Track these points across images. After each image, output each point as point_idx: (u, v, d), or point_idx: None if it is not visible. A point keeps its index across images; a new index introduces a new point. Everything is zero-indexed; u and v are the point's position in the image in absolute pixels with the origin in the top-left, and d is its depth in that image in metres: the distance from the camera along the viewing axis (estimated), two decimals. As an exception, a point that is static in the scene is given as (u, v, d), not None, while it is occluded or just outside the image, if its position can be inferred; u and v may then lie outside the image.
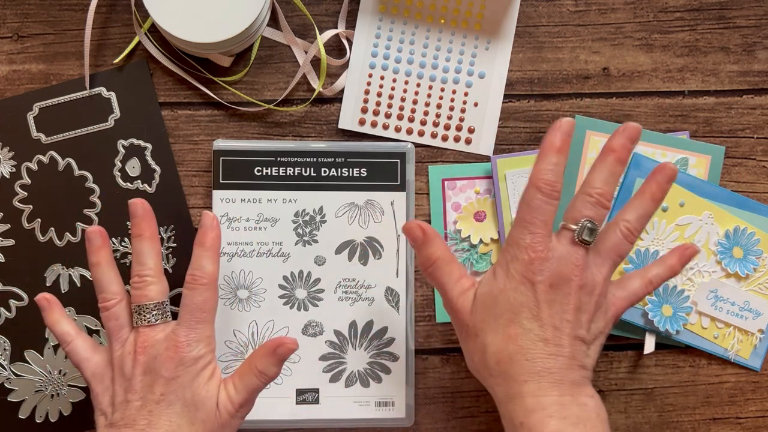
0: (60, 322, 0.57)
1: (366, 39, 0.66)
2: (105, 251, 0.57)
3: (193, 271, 0.55)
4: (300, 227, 0.64)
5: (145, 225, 0.56)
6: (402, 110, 0.66)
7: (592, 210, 0.52)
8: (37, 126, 0.65)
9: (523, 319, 0.51)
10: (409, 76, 0.66)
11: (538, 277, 0.51)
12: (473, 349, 0.53)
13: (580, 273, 0.51)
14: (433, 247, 0.55)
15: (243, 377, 0.55)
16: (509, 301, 0.51)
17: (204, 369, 0.55)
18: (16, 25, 0.65)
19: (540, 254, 0.51)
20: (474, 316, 0.53)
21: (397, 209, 0.64)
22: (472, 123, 0.66)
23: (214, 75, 0.65)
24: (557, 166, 0.52)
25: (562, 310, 0.51)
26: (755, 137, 0.67)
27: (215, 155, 0.64)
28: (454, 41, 0.66)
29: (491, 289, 0.52)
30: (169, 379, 0.53)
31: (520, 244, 0.51)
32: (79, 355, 0.56)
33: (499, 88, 0.66)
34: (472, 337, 0.53)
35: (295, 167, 0.64)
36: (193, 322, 0.55)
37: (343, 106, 0.66)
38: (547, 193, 0.51)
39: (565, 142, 0.52)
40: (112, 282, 0.57)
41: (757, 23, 0.67)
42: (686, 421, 0.66)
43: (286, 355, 0.55)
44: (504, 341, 0.51)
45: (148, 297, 0.55)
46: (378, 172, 0.64)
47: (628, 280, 0.55)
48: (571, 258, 0.51)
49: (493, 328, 0.52)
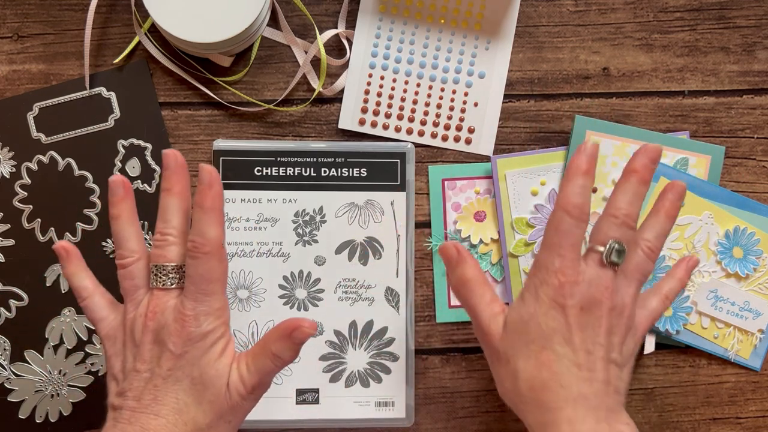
0: (77, 275, 0.53)
1: (366, 39, 0.66)
2: (127, 203, 0.53)
3: (193, 236, 0.50)
4: (300, 227, 0.64)
5: (175, 179, 0.52)
6: (402, 110, 0.66)
7: (618, 231, 0.51)
8: (37, 126, 0.64)
9: (555, 345, 0.50)
10: (409, 76, 0.66)
11: (569, 301, 0.50)
12: (504, 375, 0.52)
13: (611, 295, 0.50)
14: (467, 268, 0.54)
15: (257, 359, 0.51)
16: (540, 326, 0.50)
17: (214, 344, 0.51)
18: (16, 25, 0.65)
19: (570, 278, 0.50)
20: (504, 341, 0.52)
21: (397, 209, 0.64)
22: (472, 123, 0.66)
23: (214, 75, 0.65)
24: (584, 188, 0.51)
25: (595, 334, 0.50)
26: (755, 137, 0.67)
27: (215, 155, 0.64)
28: (454, 41, 0.66)
29: (521, 314, 0.51)
30: (176, 354, 0.50)
31: (549, 268, 0.51)
32: (94, 313, 0.53)
33: (499, 88, 0.66)
34: (503, 363, 0.52)
35: (295, 167, 0.64)
36: (199, 294, 0.50)
37: (343, 106, 0.66)
38: (576, 216, 0.50)
39: (592, 165, 0.52)
40: (131, 238, 0.52)
41: (757, 23, 0.67)
42: (686, 421, 0.66)
43: (303, 340, 0.50)
44: (537, 367, 0.50)
45: (167, 258, 0.51)
46: (378, 172, 0.64)
47: (646, 299, 0.55)
48: (601, 280, 0.50)
49: (524, 354, 0.50)
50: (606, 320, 0.50)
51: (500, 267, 0.65)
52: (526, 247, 0.64)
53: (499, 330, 0.52)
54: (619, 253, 0.51)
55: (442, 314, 0.65)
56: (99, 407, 0.64)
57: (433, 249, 0.65)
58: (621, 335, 0.51)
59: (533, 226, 0.64)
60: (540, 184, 0.65)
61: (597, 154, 0.52)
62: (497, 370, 0.53)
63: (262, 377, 0.51)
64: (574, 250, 0.50)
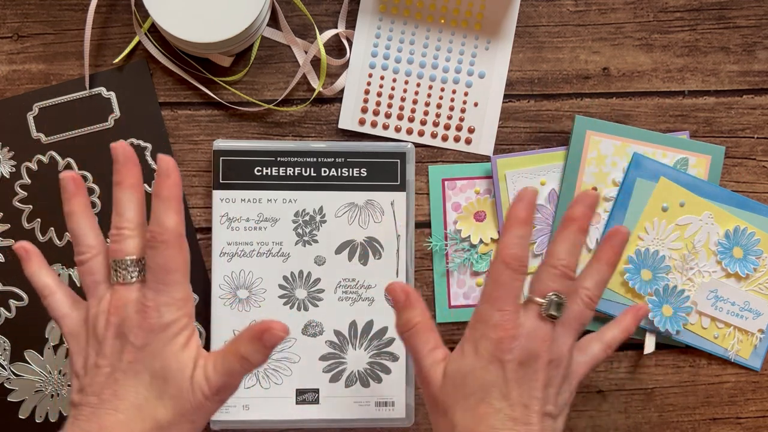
0: (39, 273, 0.53)
1: (366, 39, 0.66)
2: (80, 199, 0.52)
3: (152, 227, 0.49)
4: (300, 227, 0.64)
5: (126, 171, 0.51)
6: (402, 110, 0.66)
7: (557, 283, 0.51)
8: (37, 126, 0.65)
9: (493, 399, 0.50)
10: (409, 76, 0.66)
11: (508, 356, 0.50)
12: (442, 425, 0.52)
13: (548, 348, 0.51)
14: (415, 312, 0.54)
15: (225, 359, 0.49)
16: (478, 380, 0.50)
17: (177, 336, 0.49)
18: (16, 25, 0.65)
19: (509, 332, 0.50)
20: (443, 392, 0.52)
21: (397, 209, 0.64)
22: (472, 123, 0.66)
23: (214, 75, 0.65)
24: (522, 239, 0.51)
25: (531, 388, 0.50)
26: (755, 137, 0.67)
27: (215, 155, 0.64)
28: (454, 41, 0.66)
29: (460, 367, 0.52)
30: (137, 347, 0.48)
31: (488, 322, 0.51)
32: (57, 311, 0.52)
33: (499, 88, 0.66)
34: (441, 413, 0.52)
35: (295, 167, 0.64)
36: (160, 284, 0.49)
37: (343, 106, 0.66)
38: (514, 268, 0.51)
39: (530, 213, 0.52)
40: (87, 234, 0.52)
41: (757, 23, 0.67)
42: (686, 421, 0.66)
43: (274, 343, 0.49)
44: (474, 421, 0.50)
45: (125, 252, 0.50)
46: (378, 172, 0.64)
47: (588, 344, 0.55)
48: (539, 333, 0.51)
49: (462, 407, 0.51)
50: (543, 373, 0.51)
51: (500, 267, 0.65)
52: (526, 247, 0.64)
53: (439, 378, 0.52)
54: (559, 306, 0.51)
55: (443, 314, 0.65)
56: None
57: (433, 249, 0.65)
58: (557, 386, 0.52)
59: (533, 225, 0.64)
60: (540, 184, 0.65)
61: (536, 200, 0.52)
62: (435, 419, 0.53)
63: (228, 379, 0.49)
64: (514, 303, 0.51)
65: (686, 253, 0.64)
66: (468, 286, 0.65)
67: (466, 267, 0.65)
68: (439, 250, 0.65)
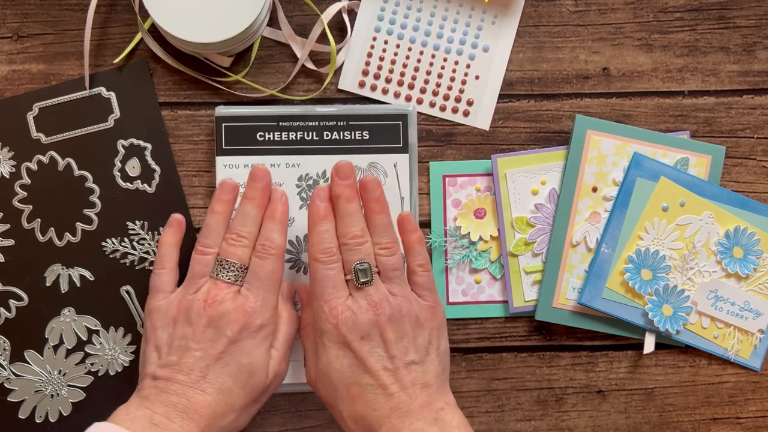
0: (170, 246, 0.60)
1: (374, 2, 0.66)
2: (232, 206, 0.60)
3: (263, 241, 0.58)
4: (304, 191, 0.64)
5: (261, 193, 0.59)
6: (403, 76, 0.66)
7: (354, 254, 0.57)
8: (37, 126, 0.64)
9: (357, 378, 0.55)
10: (413, 43, 0.66)
11: (350, 336, 0.55)
12: (336, 416, 0.57)
13: (380, 311, 0.55)
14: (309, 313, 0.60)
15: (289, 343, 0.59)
16: (338, 370, 0.55)
17: (265, 339, 0.57)
18: (16, 25, 0.65)
19: (341, 316, 0.55)
20: (322, 392, 0.58)
21: (400, 171, 0.65)
22: (471, 95, 0.66)
23: (214, 75, 0.65)
24: (327, 232, 0.57)
25: (383, 351, 0.55)
26: (755, 137, 0.67)
27: (217, 121, 0.64)
28: (461, 12, 0.66)
29: (319, 367, 0.57)
30: (232, 339, 0.55)
31: (321, 316, 0.56)
32: (161, 284, 0.58)
33: (502, 63, 0.66)
34: (330, 406, 0.58)
35: (298, 131, 0.64)
36: (262, 289, 0.57)
37: (345, 67, 0.65)
38: (325, 261, 0.56)
39: (327, 209, 0.58)
40: (219, 234, 0.59)
41: (757, 23, 0.67)
42: (686, 421, 0.66)
43: None
44: (351, 403, 0.55)
45: (236, 255, 0.58)
46: (380, 135, 0.64)
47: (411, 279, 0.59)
48: (366, 302, 0.56)
49: (338, 398, 0.56)
50: (388, 334, 0.55)
51: (499, 264, 0.65)
52: (526, 246, 0.64)
53: (315, 382, 0.58)
54: (364, 271, 0.56)
55: (442, 314, 0.65)
56: (99, 407, 0.64)
57: (433, 245, 0.65)
58: (410, 335, 0.56)
59: (533, 225, 0.64)
60: (540, 183, 0.65)
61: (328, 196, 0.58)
62: (331, 411, 0.58)
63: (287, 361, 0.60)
64: (337, 291, 0.56)
65: (686, 252, 0.64)
66: (466, 282, 0.65)
67: (465, 264, 0.65)
68: (438, 246, 0.65)
